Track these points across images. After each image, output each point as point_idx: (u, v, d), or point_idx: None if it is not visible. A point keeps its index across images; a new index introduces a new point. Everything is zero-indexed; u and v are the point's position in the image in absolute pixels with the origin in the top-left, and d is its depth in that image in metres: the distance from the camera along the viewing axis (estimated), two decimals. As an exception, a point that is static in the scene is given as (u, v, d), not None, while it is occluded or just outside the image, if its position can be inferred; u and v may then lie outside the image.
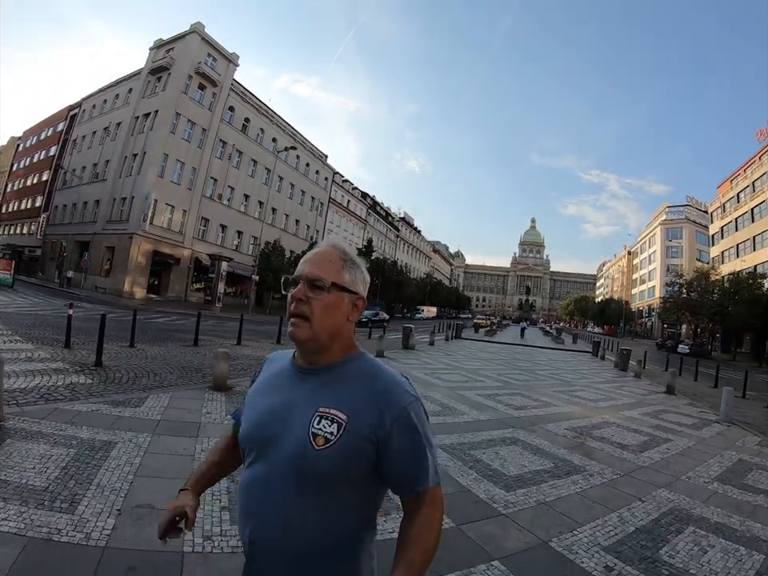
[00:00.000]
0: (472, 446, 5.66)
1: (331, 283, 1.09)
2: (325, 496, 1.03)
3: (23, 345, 9.28)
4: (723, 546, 3.68)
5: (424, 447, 1.07)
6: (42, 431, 4.54)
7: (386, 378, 1.11)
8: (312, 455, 1.01)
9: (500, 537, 3.45)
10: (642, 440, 7.05)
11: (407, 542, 1.03)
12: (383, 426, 1.03)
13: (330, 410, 1.05)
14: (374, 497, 1.13)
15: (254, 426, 1.14)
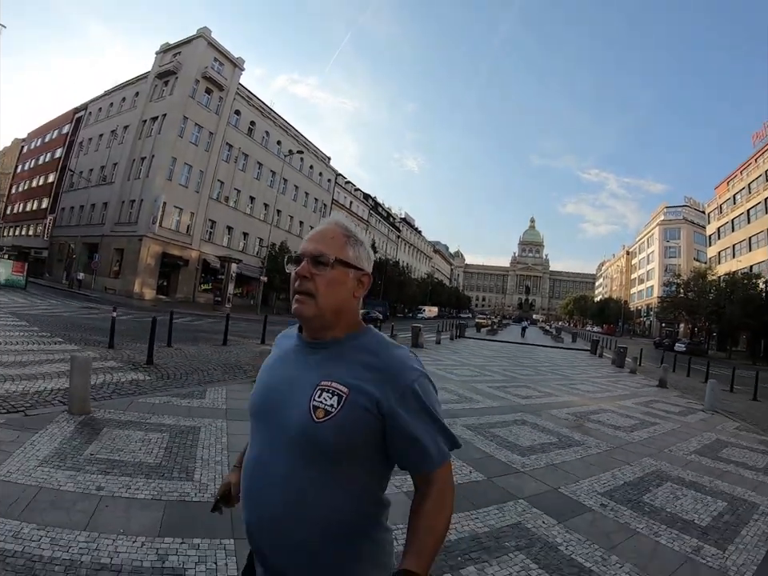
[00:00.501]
0: (490, 426, 6.79)
1: (335, 259, 1.09)
2: (328, 470, 1.03)
3: (69, 346, 9.78)
4: (694, 496, 4.82)
5: (431, 423, 1.07)
6: (130, 420, 5.21)
7: (392, 352, 1.10)
8: (312, 428, 1.01)
9: (521, 485, 4.59)
10: (632, 423, 8.23)
11: (417, 526, 1.03)
12: (388, 400, 1.03)
13: (332, 384, 1.05)
14: (381, 473, 1.12)
15: (259, 399, 1.16)
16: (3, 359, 7.59)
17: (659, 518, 4.12)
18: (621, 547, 3.47)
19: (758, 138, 47.60)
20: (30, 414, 5.03)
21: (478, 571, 2.92)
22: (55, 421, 4.87)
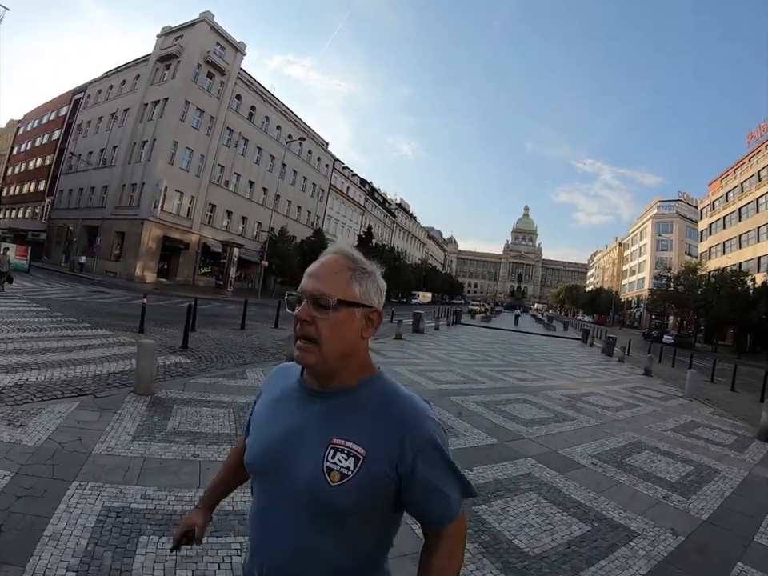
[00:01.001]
0: (495, 403, 7.90)
1: (337, 300, 1.00)
2: (339, 531, 0.99)
3: (100, 331, 10.19)
4: (666, 461, 5.95)
5: (451, 476, 1.04)
6: (192, 399, 5.82)
7: (406, 404, 1.04)
8: (326, 491, 0.97)
9: (528, 447, 5.70)
10: (618, 404, 9.41)
11: (429, 573, 1.02)
12: (405, 459, 0.98)
13: (346, 443, 0.99)
14: (390, 524, 1.09)
15: (261, 453, 1.09)
16: (47, 345, 7.98)
17: (637, 474, 5.25)
18: (607, 492, 4.58)
19: (753, 138, 48.84)
20: (100, 396, 5.58)
21: (504, 504, 4.00)
22: (126, 401, 5.46)
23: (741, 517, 4.39)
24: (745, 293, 36.11)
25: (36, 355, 7.11)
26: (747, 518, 4.38)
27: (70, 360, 7.19)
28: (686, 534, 3.82)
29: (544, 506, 4.05)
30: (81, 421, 4.63)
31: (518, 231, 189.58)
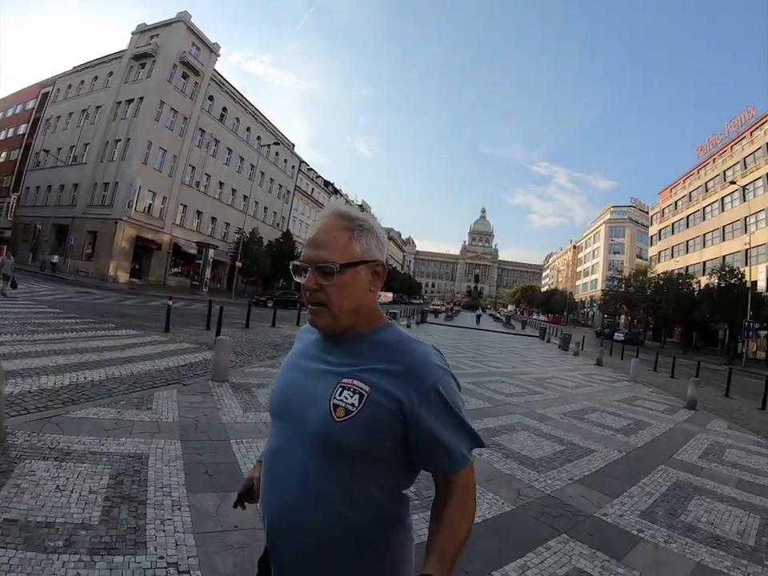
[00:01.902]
0: (482, 382, 10.04)
1: (340, 265, 1.04)
2: (347, 468, 1.02)
3: (132, 331, 11.00)
4: (613, 418, 8.18)
5: (456, 425, 1.06)
6: (261, 383, 7.12)
7: (415, 350, 1.08)
8: (332, 427, 1.01)
9: (514, 409, 7.82)
10: (576, 384, 11.86)
11: (439, 530, 1.03)
12: (411, 401, 1.01)
13: (353, 381, 1.04)
14: (403, 473, 1.11)
15: (280, 395, 1.17)
16: (97, 345, 8.70)
17: (593, 423, 7.47)
18: (573, 431, 6.73)
19: (703, 151, 53.34)
20: (187, 384, 6.55)
21: (509, 436, 6.05)
22: (212, 387, 6.55)
23: (664, 446, 6.62)
24: (690, 294, 39.48)
25: (96, 354, 7.90)
26: (669, 446, 6.62)
27: (130, 357, 8.00)
28: (627, 452, 6.01)
29: (534, 438, 6.16)
30: (192, 402, 5.68)
31: (474, 232, 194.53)
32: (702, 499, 4.58)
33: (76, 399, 5.30)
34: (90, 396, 5.49)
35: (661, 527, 3.81)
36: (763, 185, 39.12)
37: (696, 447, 6.77)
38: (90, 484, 3.27)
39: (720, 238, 45.59)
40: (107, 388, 5.98)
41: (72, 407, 4.92)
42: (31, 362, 6.71)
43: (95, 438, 4.11)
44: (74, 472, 3.42)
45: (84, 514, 2.89)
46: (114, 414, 4.80)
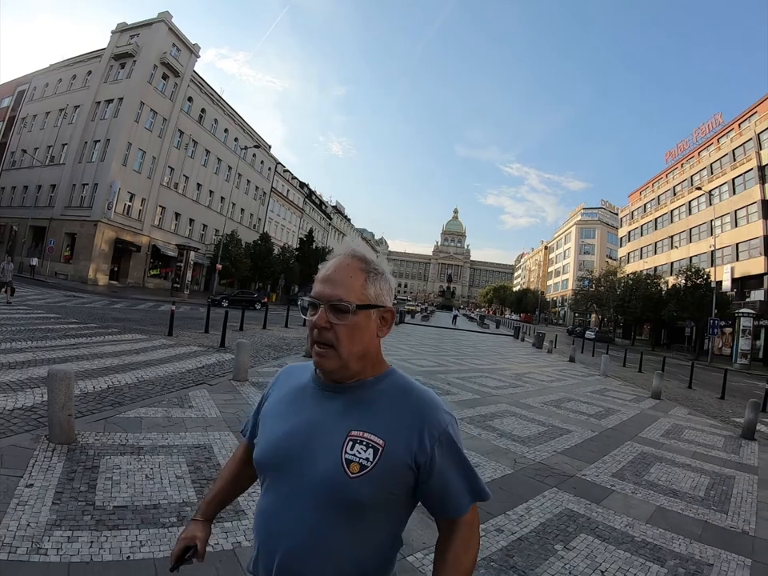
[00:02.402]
0: (468, 378, 11.01)
1: (356, 306, 1.02)
2: (357, 522, 1.01)
3: (137, 336, 11.39)
4: (587, 406, 9.22)
5: (465, 469, 1.07)
6: None
7: (422, 397, 1.08)
8: (346, 483, 0.99)
9: (500, 399, 8.80)
10: (551, 378, 12.98)
11: (445, 563, 1.05)
12: (424, 449, 1.01)
13: (364, 434, 1.02)
14: (405, 517, 1.12)
15: (275, 448, 1.09)
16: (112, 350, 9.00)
17: (569, 410, 8.50)
18: (553, 416, 7.73)
19: (671, 156, 55.70)
20: (213, 384, 7.10)
21: (500, 421, 6.99)
22: (237, 386, 7.14)
23: (631, 428, 7.67)
24: (658, 293, 41.44)
25: (116, 358, 8.24)
26: (635, 428, 7.68)
27: (149, 361, 8.44)
28: (599, 431, 7.03)
29: (521, 421, 7.13)
30: (225, 400, 6.23)
31: (447, 233, 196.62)
32: (662, 465, 5.61)
33: (121, 401, 5.78)
34: (132, 398, 5.99)
35: (629, 483, 4.82)
36: (728, 190, 41.29)
37: (658, 428, 7.86)
38: (173, 471, 3.79)
39: (687, 239, 47.83)
40: (143, 390, 6.47)
41: (121, 408, 5.41)
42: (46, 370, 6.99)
43: (157, 434, 4.61)
44: (154, 463, 3.89)
45: (182, 494, 3.39)
46: (163, 413, 5.36)
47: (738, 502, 4.63)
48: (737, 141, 41.96)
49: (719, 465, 5.97)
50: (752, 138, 39.26)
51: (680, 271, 39.82)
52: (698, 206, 46.49)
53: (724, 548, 3.56)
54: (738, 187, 40.20)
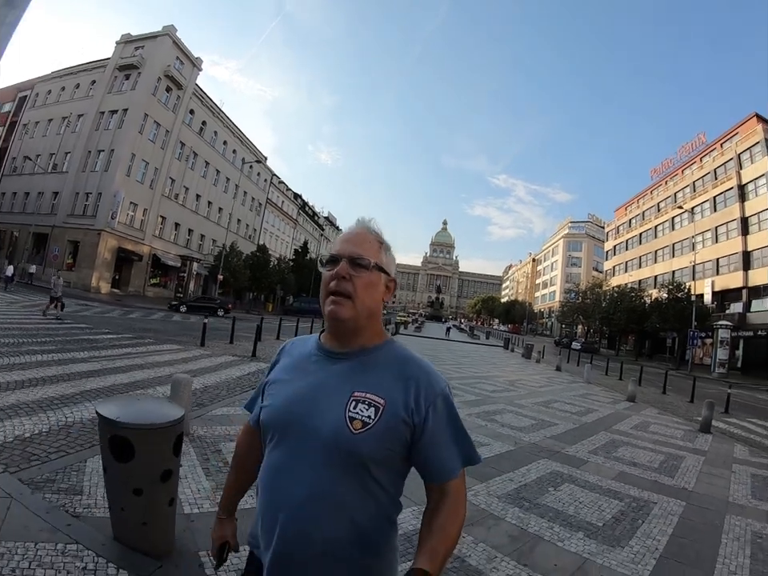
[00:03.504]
0: (467, 384, 12.55)
1: (374, 263, 1.16)
2: (360, 478, 1.08)
3: (174, 346, 12.22)
4: (570, 406, 10.78)
5: (458, 433, 1.16)
6: None
7: (419, 363, 1.18)
8: (349, 438, 1.06)
9: (497, 400, 10.38)
10: (540, 384, 14.68)
11: (431, 531, 1.09)
12: (419, 409, 1.10)
13: (367, 395, 1.10)
14: (401, 479, 1.18)
15: (281, 409, 1.17)
16: (158, 360, 9.68)
17: (555, 409, 10.07)
18: (543, 414, 9.28)
19: (656, 173, 58.12)
20: None
21: (500, 416, 8.54)
22: None
23: (606, 422, 9.26)
24: (641, 306, 43.42)
25: (169, 367, 9.00)
26: (609, 422, 9.27)
27: (200, 369, 9.21)
28: (580, 424, 8.62)
29: (517, 416, 8.70)
30: None
31: (436, 244, 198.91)
32: (627, 447, 7.21)
33: (202, 403, 6.53)
34: (209, 400, 6.83)
35: (600, 457, 6.41)
36: (710, 207, 43.55)
37: (629, 423, 9.49)
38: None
39: (670, 254, 49.92)
40: (213, 393, 7.25)
41: (206, 408, 6.28)
42: (127, 376, 7.68)
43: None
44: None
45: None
46: (242, 411, 5.92)
47: (683, 472, 6.22)
48: (719, 160, 44.23)
49: (675, 449, 7.57)
50: (733, 158, 41.47)
51: (662, 285, 41.93)
52: (680, 222, 48.60)
53: (666, 495, 5.14)
54: (719, 205, 42.34)
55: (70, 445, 4.39)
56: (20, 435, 4.41)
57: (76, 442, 4.46)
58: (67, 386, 6.52)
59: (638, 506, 4.68)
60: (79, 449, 4.31)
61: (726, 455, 7.60)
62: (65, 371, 7.41)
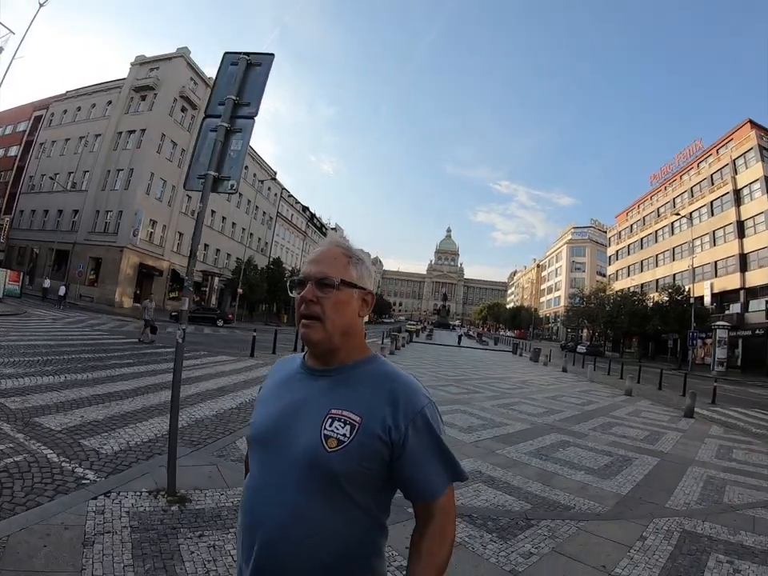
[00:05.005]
0: (485, 383, 14.58)
1: (340, 280, 1.13)
2: (334, 497, 1.06)
3: (224, 357, 13.61)
4: (575, 399, 12.70)
5: (439, 452, 1.12)
6: None
7: (400, 380, 1.15)
8: (324, 457, 1.05)
9: (513, 395, 12.36)
10: (548, 383, 16.74)
11: (420, 556, 1.07)
12: (398, 427, 1.08)
13: (343, 412, 1.09)
14: (385, 500, 1.17)
15: (263, 426, 1.19)
16: (221, 370, 11.24)
17: (562, 402, 12.01)
18: (552, 405, 11.21)
19: (655, 179, 60.28)
20: None
21: (517, 407, 10.48)
22: None
23: (604, 410, 11.19)
24: (643, 309, 45.28)
25: (236, 375, 10.62)
26: (607, 410, 11.19)
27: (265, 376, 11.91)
28: (582, 412, 10.57)
29: (531, 406, 10.66)
30: None
31: (440, 251, 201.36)
32: (620, 426, 9.18)
33: None
34: None
35: (598, 432, 8.39)
36: (707, 212, 45.50)
37: (624, 411, 11.50)
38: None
39: (671, 258, 51.87)
40: None
41: None
42: (212, 383, 9.23)
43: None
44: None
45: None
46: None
47: (663, 442, 8.16)
48: (715, 166, 46.26)
49: (659, 428, 9.51)
50: (728, 164, 43.39)
51: (663, 288, 43.81)
52: (680, 226, 50.32)
53: (646, 454, 7.07)
54: (716, 209, 44.21)
55: (216, 434, 6.36)
56: (180, 428, 6.41)
57: (216, 431, 6.25)
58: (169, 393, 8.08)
59: (623, 459, 6.62)
60: (221, 435, 5.92)
61: (702, 432, 9.53)
62: (161, 380, 8.76)
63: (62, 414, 5.86)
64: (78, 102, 44.55)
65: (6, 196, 45.79)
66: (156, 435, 5.54)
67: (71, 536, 2.93)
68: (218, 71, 4.20)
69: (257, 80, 4.11)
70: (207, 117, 4.13)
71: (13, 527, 2.96)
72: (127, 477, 4.09)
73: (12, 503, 3.38)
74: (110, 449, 4.85)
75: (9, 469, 3.96)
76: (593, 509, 4.61)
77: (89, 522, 3.14)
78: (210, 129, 4.01)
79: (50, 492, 3.66)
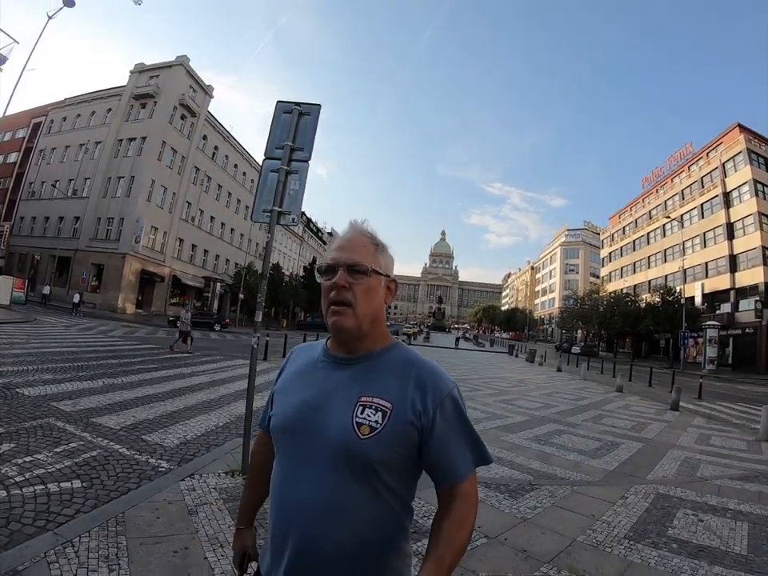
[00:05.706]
0: (485, 382, 15.53)
1: (371, 268, 1.14)
2: (370, 483, 1.08)
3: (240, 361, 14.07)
4: (570, 395, 13.65)
5: (467, 434, 1.14)
6: None
7: (426, 365, 1.16)
8: (357, 444, 1.06)
9: (512, 392, 13.31)
10: (544, 381, 17.69)
11: (439, 538, 1.08)
12: (427, 411, 1.09)
13: (373, 399, 1.10)
14: (412, 483, 1.18)
15: (289, 416, 1.18)
16: (242, 373, 12.55)
17: (557, 398, 12.98)
18: (548, 400, 12.15)
19: (647, 181, 61.48)
20: None
21: (516, 402, 11.42)
22: None
23: (596, 404, 12.13)
24: (636, 310, 46.28)
25: (259, 377, 12.44)
26: (599, 404, 12.14)
27: None
28: (575, 406, 11.51)
29: (528, 402, 11.61)
30: None
31: (435, 254, 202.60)
32: (610, 418, 10.14)
33: None
34: None
35: (589, 422, 9.34)
36: (698, 214, 46.66)
37: (614, 405, 12.47)
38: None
39: (662, 259, 52.95)
40: None
41: None
42: (236, 386, 9.95)
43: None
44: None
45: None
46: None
47: (648, 431, 9.10)
48: (705, 169, 47.34)
49: (646, 419, 10.46)
50: (718, 167, 44.50)
51: (655, 289, 44.91)
52: (671, 228, 51.30)
53: (632, 440, 8.00)
54: (706, 211, 45.30)
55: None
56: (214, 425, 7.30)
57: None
58: (203, 394, 8.86)
59: (611, 444, 7.57)
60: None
61: (685, 423, 10.51)
62: (190, 383, 9.53)
63: (114, 414, 6.45)
64: (77, 109, 44.94)
65: (5, 203, 45.86)
66: (206, 430, 6.29)
67: (176, 509, 3.57)
68: (272, 118, 4.98)
69: (307, 128, 4.96)
70: (267, 159, 4.92)
71: (122, 506, 3.53)
72: (200, 463, 4.74)
73: (105, 489, 3.96)
74: (171, 443, 5.50)
75: (89, 462, 4.52)
76: (584, 480, 5.54)
77: (186, 497, 3.79)
78: (270, 169, 4.81)
79: (135, 479, 4.25)
